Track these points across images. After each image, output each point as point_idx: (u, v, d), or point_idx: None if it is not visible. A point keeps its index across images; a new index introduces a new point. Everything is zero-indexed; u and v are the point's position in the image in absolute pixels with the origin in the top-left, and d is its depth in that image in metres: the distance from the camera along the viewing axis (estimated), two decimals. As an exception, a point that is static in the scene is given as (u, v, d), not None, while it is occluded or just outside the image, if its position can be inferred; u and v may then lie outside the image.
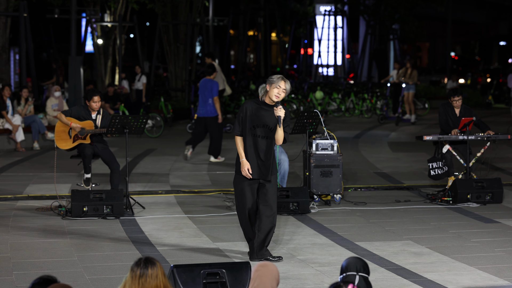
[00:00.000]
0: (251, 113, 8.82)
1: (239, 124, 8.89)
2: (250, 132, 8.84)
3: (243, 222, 8.95)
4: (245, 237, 9.09)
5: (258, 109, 8.83)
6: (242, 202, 8.89)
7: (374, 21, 41.77)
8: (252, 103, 8.88)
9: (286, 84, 8.75)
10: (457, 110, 12.74)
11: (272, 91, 8.75)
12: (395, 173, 15.53)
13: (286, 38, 51.63)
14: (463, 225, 10.85)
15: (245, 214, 8.89)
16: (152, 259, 5.07)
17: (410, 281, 8.06)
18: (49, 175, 14.45)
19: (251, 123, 8.82)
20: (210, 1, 34.09)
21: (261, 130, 8.81)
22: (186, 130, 23.19)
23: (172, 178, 14.81)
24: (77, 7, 23.69)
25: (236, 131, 8.94)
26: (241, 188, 8.90)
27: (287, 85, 8.75)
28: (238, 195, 8.94)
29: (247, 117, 8.83)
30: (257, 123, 8.80)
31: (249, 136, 8.85)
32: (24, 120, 19.21)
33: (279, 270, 5.60)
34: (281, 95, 8.76)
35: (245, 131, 8.86)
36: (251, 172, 8.78)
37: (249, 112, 8.83)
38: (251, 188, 8.88)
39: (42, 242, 9.73)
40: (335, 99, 30.08)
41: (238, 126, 8.91)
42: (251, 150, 8.85)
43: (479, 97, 35.53)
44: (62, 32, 43.23)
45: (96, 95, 11.58)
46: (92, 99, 11.56)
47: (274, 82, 8.74)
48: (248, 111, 8.83)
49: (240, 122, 8.88)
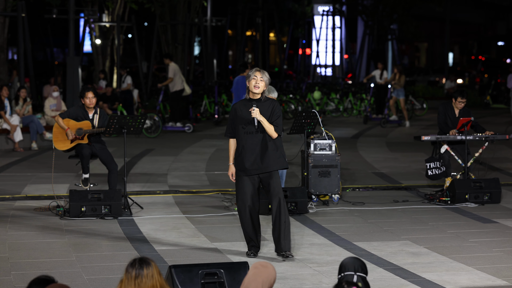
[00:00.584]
0: (240, 113, 8.94)
1: (229, 126, 9.02)
2: (242, 130, 8.92)
3: (244, 219, 8.96)
4: (244, 236, 9.09)
5: (245, 106, 8.95)
6: (242, 200, 8.93)
7: (372, 21, 41.78)
8: (239, 103, 9.04)
9: (261, 73, 8.88)
10: (456, 110, 12.74)
11: (250, 84, 8.91)
12: (393, 173, 15.54)
13: (284, 38, 51.64)
14: (461, 225, 10.86)
15: (246, 212, 8.91)
16: (146, 259, 5.06)
17: (408, 281, 8.06)
18: (47, 175, 14.45)
19: (242, 122, 8.92)
20: (208, 1, 34.11)
21: (253, 126, 8.89)
22: (185, 130, 23.18)
23: (170, 178, 14.81)
24: (75, 7, 23.69)
25: (227, 133, 9.10)
26: (241, 186, 8.95)
27: (263, 74, 8.87)
28: (239, 192, 8.98)
29: (237, 118, 8.94)
30: (247, 120, 8.90)
31: (243, 135, 8.93)
32: (22, 120, 19.20)
33: (277, 270, 5.60)
34: (260, 84, 8.88)
35: (238, 131, 8.95)
36: (234, 179, 8.99)
37: (238, 112, 8.96)
38: (252, 185, 8.93)
39: (40, 242, 9.72)
40: (333, 99, 30.09)
41: (229, 128, 9.05)
42: (247, 147, 8.91)
43: (477, 97, 35.54)
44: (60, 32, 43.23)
45: (88, 91, 11.61)
46: (85, 95, 11.58)
47: (250, 76, 8.91)
48: (237, 111, 8.96)
49: (231, 124, 9.02)
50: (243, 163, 8.91)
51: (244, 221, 8.99)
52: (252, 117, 8.83)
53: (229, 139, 9.08)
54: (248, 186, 8.93)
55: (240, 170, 8.96)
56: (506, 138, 12.78)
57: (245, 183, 8.93)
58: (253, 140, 8.89)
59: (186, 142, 20.64)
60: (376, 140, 21.53)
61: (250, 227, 8.99)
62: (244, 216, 8.97)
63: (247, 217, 8.96)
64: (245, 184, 8.93)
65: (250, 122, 8.89)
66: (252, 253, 9.09)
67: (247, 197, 8.92)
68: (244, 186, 8.93)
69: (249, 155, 8.87)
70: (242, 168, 8.94)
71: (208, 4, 34.62)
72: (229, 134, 9.05)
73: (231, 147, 9.06)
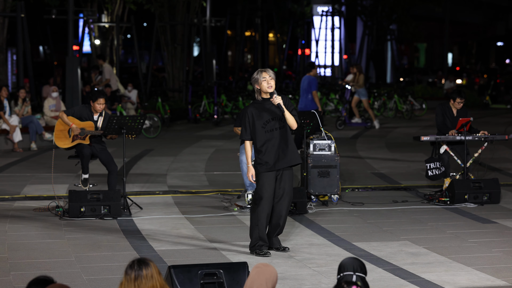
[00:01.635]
0: (256, 114, 9.02)
1: (246, 129, 9.05)
2: (262, 130, 9.00)
3: (261, 217, 8.97)
4: (255, 236, 9.05)
5: (260, 107, 9.05)
6: (264, 197, 8.98)
7: (371, 21, 41.77)
8: (252, 105, 9.12)
9: (267, 72, 9.00)
10: (454, 110, 12.74)
11: (262, 86, 9.00)
12: (392, 173, 15.54)
13: (283, 38, 51.65)
14: (460, 225, 10.86)
15: (265, 210, 8.97)
16: (145, 260, 5.05)
17: (408, 282, 8.06)
18: (46, 176, 14.45)
19: (261, 122, 8.99)
20: (208, 2, 34.10)
21: (272, 123, 9.00)
22: (183, 130, 23.20)
23: (170, 179, 14.81)
24: (75, 8, 23.69)
25: (245, 136, 9.09)
26: (263, 183, 9.02)
27: (268, 73, 9.00)
28: (261, 190, 9.01)
29: (254, 120, 9.01)
30: (266, 119, 8.99)
31: (263, 134, 9.01)
32: (22, 121, 19.19)
33: (276, 271, 5.60)
34: (272, 83, 9.01)
35: (256, 132, 9.02)
36: (254, 180, 9.05)
37: (254, 114, 9.03)
38: (273, 183, 9.03)
39: (39, 243, 9.72)
40: (333, 100, 30.09)
41: (246, 131, 9.06)
42: (270, 144, 8.99)
43: (476, 97, 35.55)
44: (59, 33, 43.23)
45: (101, 97, 11.61)
46: (97, 100, 11.58)
47: (258, 79, 9.01)
48: (253, 114, 9.04)
49: (248, 127, 9.04)
50: (269, 159, 8.97)
51: (262, 219, 9.00)
52: (277, 104, 8.90)
53: (246, 141, 9.10)
54: (270, 184, 9.00)
55: (264, 167, 8.99)
56: (506, 139, 12.78)
57: (267, 180, 9.00)
58: (275, 137, 8.99)
59: (185, 143, 20.63)
60: (375, 141, 21.53)
61: (265, 226, 9.04)
62: (262, 214, 8.98)
63: (265, 215, 8.99)
64: (267, 181, 9.00)
65: (270, 120, 8.97)
66: (268, 252, 9.08)
67: (269, 195, 9.00)
68: (266, 183, 9.00)
69: (273, 151, 8.98)
70: (267, 165, 8.98)
71: (207, 4, 34.61)
72: (247, 137, 9.07)
73: (249, 149, 9.13)
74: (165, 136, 22.25)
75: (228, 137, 21.90)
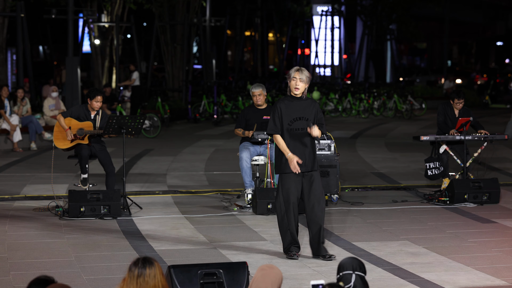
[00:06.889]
0: (286, 111, 8.86)
1: (275, 123, 8.86)
2: (287, 128, 8.85)
3: (290, 219, 8.82)
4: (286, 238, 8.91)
5: (290, 104, 8.88)
6: (289, 199, 8.79)
7: (371, 21, 41.80)
8: (283, 100, 8.93)
9: (300, 73, 8.80)
10: (456, 110, 12.76)
11: (291, 85, 8.86)
12: (392, 173, 15.55)
13: (283, 38, 51.66)
14: (460, 225, 10.86)
15: (290, 211, 8.81)
16: (150, 259, 5.05)
17: (407, 281, 8.06)
18: (46, 176, 14.45)
19: (288, 119, 8.84)
20: (207, 1, 34.11)
21: (298, 123, 8.83)
22: (183, 130, 23.20)
23: (169, 179, 14.82)
24: (74, 8, 23.68)
25: (275, 130, 8.88)
26: (286, 184, 8.81)
27: (302, 74, 8.79)
28: (285, 191, 8.81)
29: (282, 115, 8.85)
30: (293, 118, 8.84)
31: (287, 132, 8.85)
32: (21, 121, 19.20)
33: (282, 272, 5.60)
34: (300, 86, 8.82)
35: (282, 128, 8.86)
36: (300, 163, 8.75)
37: (284, 110, 8.86)
38: (296, 184, 8.83)
39: (39, 243, 9.72)
40: (332, 99, 30.11)
41: (275, 125, 8.86)
42: (295, 145, 8.82)
43: (476, 97, 35.57)
44: (59, 33, 43.23)
45: (99, 95, 11.63)
46: (95, 98, 11.58)
47: (290, 75, 8.84)
48: (282, 110, 8.86)
49: (277, 121, 8.85)
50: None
51: (290, 221, 8.85)
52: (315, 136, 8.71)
53: (276, 135, 8.84)
54: (296, 186, 8.82)
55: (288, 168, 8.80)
56: (505, 138, 12.79)
57: (293, 183, 8.82)
58: (298, 138, 8.82)
59: (185, 142, 20.64)
60: (375, 140, 21.54)
61: (294, 227, 8.92)
62: (290, 215, 8.84)
63: (291, 215, 8.84)
64: (293, 184, 8.82)
65: (297, 119, 8.80)
66: (296, 254, 8.96)
67: (296, 198, 8.84)
68: (292, 187, 8.81)
69: (298, 153, 8.79)
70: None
71: (207, 4, 34.63)
72: (277, 131, 8.83)
73: (281, 141, 8.82)
74: (165, 136, 22.25)
75: (228, 137, 21.91)
